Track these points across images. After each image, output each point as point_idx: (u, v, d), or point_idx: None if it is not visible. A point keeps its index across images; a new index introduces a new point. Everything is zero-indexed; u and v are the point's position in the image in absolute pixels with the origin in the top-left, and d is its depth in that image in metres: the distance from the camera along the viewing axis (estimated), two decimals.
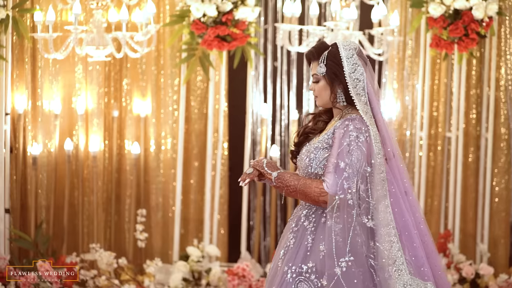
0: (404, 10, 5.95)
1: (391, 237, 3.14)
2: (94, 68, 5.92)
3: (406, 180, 3.27)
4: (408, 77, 5.98)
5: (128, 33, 5.51)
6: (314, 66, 3.26)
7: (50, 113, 5.88)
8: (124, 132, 6.06)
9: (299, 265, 3.19)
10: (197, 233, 6.03)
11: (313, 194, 3.17)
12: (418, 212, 3.28)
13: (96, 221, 5.97)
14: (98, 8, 5.61)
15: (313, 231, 3.21)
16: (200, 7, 5.47)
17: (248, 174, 3.29)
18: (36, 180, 5.85)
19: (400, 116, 6.00)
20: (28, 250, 5.83)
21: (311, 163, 3.23)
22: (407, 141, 5.99)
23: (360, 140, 3.12)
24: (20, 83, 5.82)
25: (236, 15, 5.50)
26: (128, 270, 5.83)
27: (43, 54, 5.60)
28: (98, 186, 5.95)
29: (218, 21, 5.51)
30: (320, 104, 3.29)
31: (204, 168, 5.96)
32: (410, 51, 5.97)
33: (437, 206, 6.02)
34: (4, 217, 5.68)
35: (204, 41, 5.52)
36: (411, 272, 3.15)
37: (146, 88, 6.02)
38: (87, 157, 5.96)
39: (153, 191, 6.06)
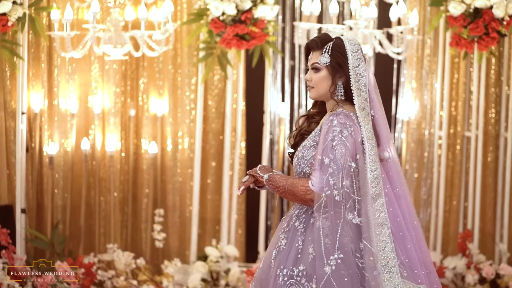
0: (423, 9, 5.91)
1: (384, 237, 3.09)
2: (110, 67, 5.88)
3: (401, 182, 3.21)
4: (427, 76, 5.93)
5: (147, 32, 5.46)
6: (315, 56, 3.21)
7: (67, 112, 5.84)
8: (140, 132, 6.02)
9: (290, 268, 3.15)
10: (214, 233, 5.99)
11: (300, 193, 3.12)
12: (413, 215, 3.22)
13: (113, 221, 5.93)
14: (116, 6, 5.57)
15: (303, 232, 3.16)
16: (219, 5, 5.43)
17: (243, 182, 3.27)
18: (53, 180, 5.81)
19: (419, 115, 5.96)
20: (44, 251, 5.80)
21: (299, 162, 3.20)
22: (426, 140, 5.95)
23: (343, 135, 3.07)
24: (36, 82, 5.78)
25: (255, 13, 5.46)
26: (145, 271, 5.79)
27: (59, 52, 5.55)
28: (115, 186, 5.91)
29: (237, 19, 5.47)
30: (315, 96, 3.24)
31: (222, 168, 5.91)
32: (428, 50, 5.93)
33: (456, 206, 5.98)
34: (20, 217, 5.64)
35: (223, 39, 5.48)
36: (403, 275, 3.10)
37: (163, 87, 5.98)
38: (104, 157, 5.92)
39: (169, 191, 6.02)
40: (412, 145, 5.96)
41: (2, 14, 5.31)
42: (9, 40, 5.48)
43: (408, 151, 5.96)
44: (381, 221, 3.09)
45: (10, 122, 5.72)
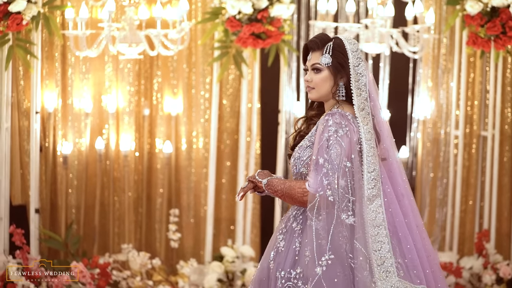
0: (439, 8, 5.87)
1: (381, 238, 3.06)
2: (124, 66, 5.85)
3: (403, 181, 3.19)
4: (443, 75, 5.90)
5: (163, 31, 5.42)
6: (315, 56, 3.17)
7: (81, 111, 5.81)
8: (154, 131, 5.98)
9: (288, 270, 3.13)
10: (229, 233, 5.96)
11: (297, 195, 3.10)
12: (415, 213, 3.19)
13: (127, 221, 5.89)
14: (131, 5, 5.53)
15: (300, 233, 3.15)
16: (236, 4, 5.39)
17: (243, 188, 3.25)
18: (66, 180, 5.78)
19: (435, 114, 5.92)
20: (58, 251, 5.76)
21: (295, 162, 3.18)
22: (442, 140, 5.91)
23: (339, 135, 3.05)
24: (49, 81, 5.75)
25: (271, 12, 5.43)
26: (160, 271, 5.75)
27: (74, 51, 5.52)
28: (129, 186, 5.88)
29: (253, 18, 5.43)
30: (315, 96, 3.20)
31: (236, 168, 5.88)
32: (444, 49, 5.90)
33: (472, 206, 5.94)
34: (34, 218, 5.60)
35: (239, 38, 5.44)
36: (401, 275, 3.07)
37: (177, 86, 5.94)
38: (118, 156, 5.89)
39: (184, 190, 5.98)
40: (428, 145, 5.93)
41: (17, 13, 5.27)
42: (23, 39, 5.44)
43: (424, 150, 5.93)
44: (378, 222, 3.07)
45: (23, 122, 5.69)
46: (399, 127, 5.96)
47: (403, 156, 5.89)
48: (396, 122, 5.95)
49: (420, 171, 5.91)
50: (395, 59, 5.91)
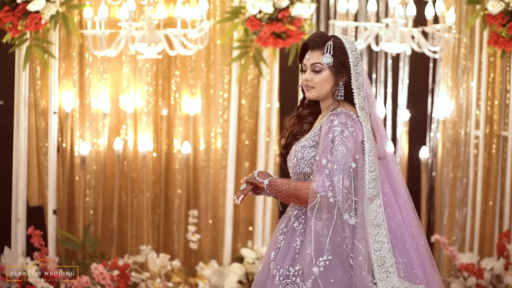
0: (459, 7, 5.83)
1: (381, 238, 3.05)
2: (142, 65, 5.80)
3: (400, 180, 3.18)
4: (463, 75, 5.86)
5: (183, 30, 5.37)
6: (315, 55, 3.14)
7: (98, 111, 5.76)
8: (172, 131, 5.93)
9: (286, 268, 3.11)
10: (247, 234, 5.91)
11: (304, 196, 3.07)
12: (412, 214, 3.18)
13: (146, 222, 5.85)
14: (150, 4, 5.48)
15: (302, 232, 3.12)
16: (256, 3, 5.35)
17: (242, 190, 3.20)
18: (84, 181, 5.73)
19: (455, 114, 5.88)
20: (75, 252, 5.71)
21: (299, 162, 3.15)
22: (461, 140, 5.87)
23: (344, 135, 3.03)
24: (67, 81, 5.70)
25: (292, 11, 5.39)
26: (179, 272, 5.71)
27: (92, 51, 5.47)
28: (148, 187, 5.83)
29: (273, 17, 5.39)
30: (314, 96, 3.17)
31: (255, 168, 5.83)
32: (463, 49, 5.86)
33: (492, 207, 5.90)
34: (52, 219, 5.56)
35: (260, 38, 5.40)
36: (401, 275, 3.06)
37: (196, 86, 5.90)
38: (136, 157, 5.84)
39: (202, 191, 5.94)
40: (448, 145, 5.89)
41: (35, 12, 5.22)
42: (41, 39, 5.39)
43: (444, 151, 5.89)
44: (378, 222, 3.06)
45: (40, 122, 5.64)
46: (419, 127, 5.93)
47: (423, 156, 5.85)
48: (416, 122, 5.91)
49: (440, 171, 5.87)
50: (414, 59, 5.87)
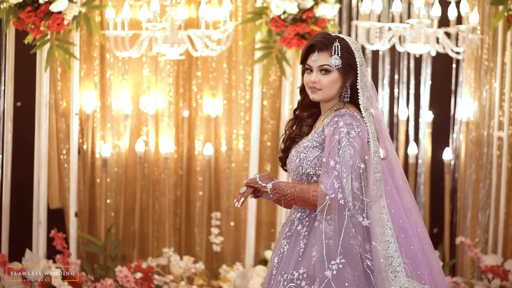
0: (481, 7, 5.80)
1: (387, 238, 3.02)
2: (164, 66, 5.76)
3: (404, 180, 3.14)
4: (485, 75, 5.83)
5: (207, 31, 5.33)
6: (323, 57, 3.07)
7: (119, 113, 5.72)
8: (194, 133, 5.89)
9: (290, 272, 3.05)
10: (269, 236, 5.87)
11: (312, 199, 3.02)
12: (416, 214, 3.14)
13: (168, 225, 5.80)
14: (172, 5, 5.43)
15: (306, 235, 3.07)
16: (281, 4, 5.31)
17: (242, 194, 3.16)
18: (105, 183, 5.69)
19: (477, 115, 5.85)
20: (96, 255, 5.67)
21: (301, 163, 3.10)
22: (484, 141, 5.84)
23: (351, 136, 2.99)
24: (87, 82, 5.66)
25: (316, 12, 5.35)
26: (202, 275, 5.67)
27: (114, 52, 5.43)
28: (169, 189, 5.79)
29: (297, 18, 5.35)
30: (320, 98, 3.11)
31: (277, 170, 5.78)
32: (486, 49, 5.82)
33: None
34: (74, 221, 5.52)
35: (284, 39, 5.36)
36: (408, 275, 3.03)
37: (217, 87, 5.86)
38: (157, 159, 5.80)
39: (223, 193, 5.90)
40: (471, 146, 5.86)
41: (58, 13, 5.18)
42: (63, 40, 5.35)
43: (467, 152, 5.85)
44: (383, 223, 3.03)
45: (61, 123, 5.61)
46: (442, 128, 5.89)
47: (446, 158, 5.82)
48: (439, 123, 5.88)
49: (463, 173, 5.83)
50: (436, 60, 5.83)
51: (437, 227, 5.93)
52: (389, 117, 5.88)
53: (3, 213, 5.40)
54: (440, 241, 5.88)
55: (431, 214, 5.86)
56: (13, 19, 5.19)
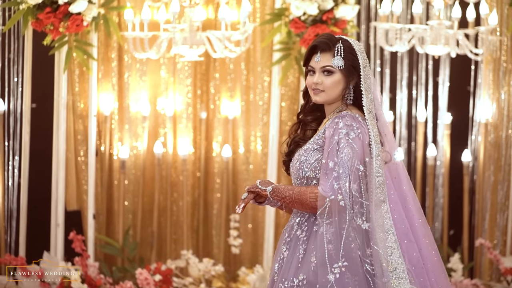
0: (500, 9, 5.78)
1: (391, 243, 2.98)
2: (182, 68, 5.74)
3: (409, 186, 3.10)
4: (504, 77, 5.81)
5: (227, 33, 5.30)
6: (325, 58, 3.04)
7: (137, 114, 5.70)
8: (211, 135, 5.86)
9: (291, 279, 3.00)
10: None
11: (309, 201, 2.97)
12: (422, 220, 3.10)
13: (186, 227, 5.78)
14: (191, 6, 5.41)
15: (305, 241, 3.02)
16: (301, 5, 5.29)
17: (243, 199, 3.13)
18: (123, 184, 5.66)
19: (496, 117, 5.83)
20: (114, 257, 5.64)
21: (301, 166, 3.06)
22: (503, 143, 5.82)
23: (350, 137, 2.94)
24: (105, 83, 5.64)
25: (337, 13, 5.33)
26: (220, 277, 5.64)
27: (133, 53, 5.40)
28: (187, 190, 5.76)
29: (317, 19, 5.33)
30: (324, 100, 3.07)
31: None
32: (505, 51, 5.81)
33: None
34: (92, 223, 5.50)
35: (304, 40, 5.34)
36: (412, 282, 2.99)
37: (235, 88, 5.83)
38: (175, 160, 5.78)
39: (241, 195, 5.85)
40: (489, 148, 5.84)
41: (77, 14, 5.16)
42: (82, 41, 5.33)
43: (486, 154, 5.83)
44: (386, 228, 2.99)
45: (78, 125, 5.58)
46: (460, 130, 5.87)
47: (465, 159, 5.80)
48: (458, 125, 5.86)
49: (481, 174, 5.81)
50: (454, 61, 5.81)
51: (456, 229, 5.90)
52: (407, 118, 5.86)
53: (21, 215, 5.38)
54: (458, 243, 5.86)
55: (449, 216, 5.84)
56: (32, 20, 5.17)
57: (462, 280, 5.56)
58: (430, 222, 5.84)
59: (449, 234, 5.91)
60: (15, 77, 5.34)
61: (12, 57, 5.33)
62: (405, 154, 5.82)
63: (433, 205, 5.83)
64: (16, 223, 5.38)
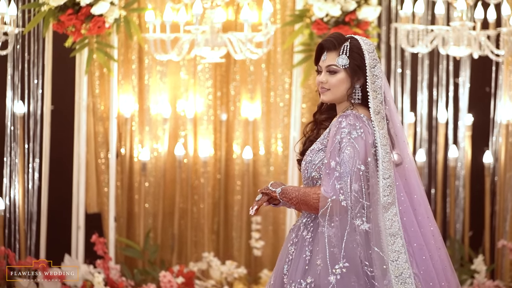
0: None
1: (398, 248, 2.95)
2: (202, 70, 5.71)
3: (420, 189, 3.08)
4: None
5: (250, 34, 5.28)
6: (331, 57, 3.04)
7: (158, 116, 5.67)
8: (231, 136, 5.84)
9: (298, 281, 2.98)
10: None
11: (312, 201, 2.96)
12: (431, 223, 3.08)
13: (206, 229, 5.75)
14: (213, 7, 5.39)
15: (311, 242, 3.01)
16: (323, 6, 5.27)
17: (257, 201, 3.12)
18: (144, 187, 5.63)
19: None
20: (134, 259, 5.62)
21: (307, 166, 3.05)
22: None
23: (352, 136, 2.93)
24: (125, 85, 5.62)
25: (359, 14, 5.31)
26: (242, 280, 5.62)
27: (154, 55, 5.38)
28: (208, 193, 5.74)
29: (340, 21, 5.31)
30: (329, 99, 3.07)
31: None
32: None
33: None
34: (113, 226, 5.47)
35: None
36: (418, 286, 2.96)
37: (255, 90, 5.81)
38: (195, 163, 5.75)
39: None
40: (510, 149, 5.82)
41: (99, 15, 5.13)
42: (103, 43, 5.30)
43: (507, 155, 5.82)
44: (393, 231, 2.96)
45: (98, 127, 5.56)
46: (482, 131, 5.86)
47: (486, 161, 5.78)
48: (479, 126, 5.85)
49: (502, 176, 5.79)
50: (475, 62, 5.80)
51: (477, 231, 5.88)
52: (428, 120, 5.84)
53: (42, 218, 5.36)
54: (479, 244, 5.84)
55: (470, 218, 5.82)
56: (53, 22, 5.15)
57: (484, 282, 5.55)
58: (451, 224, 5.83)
59: (468, 236, 5.89)
60: (35, 79, 5.31)
61: (32, 59, 5.30)
62: (426, 155, 5.80)
63: (454, 207, 5.81)
64: (37, 226, 5.35)
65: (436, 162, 5.84)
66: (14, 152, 5.26)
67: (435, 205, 5.82)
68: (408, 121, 5.78)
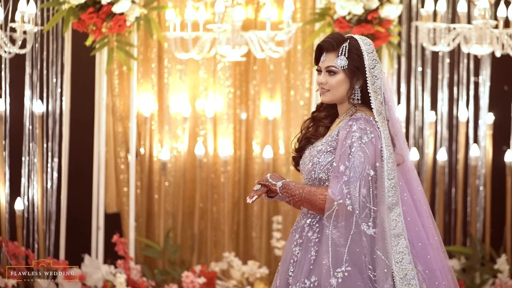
0: None
1: (402, 249, 2.95)
2: (222, 68, 5.68)
3: (418, 189, 3.08)
4: None
5: (272, 33, 5.25)
6: (330, 58, 3.03)
7: (177, 115, 5.64)
8: (251, 136, 5.80)
9: (302, 281, 2.97)
10: None
11: (318, 202, 2.95)
12: (432, 223, 3.08)
13: (226, 229, 5.72)
14: (234, 5, 5.35)
15: (317, 242, 2.99)
16: (346, 5, 5.23)
17: (256, 191, 3.10)
18: (164, 187, 5.60)
19: None
20: (154, 259, 5.58)
21: (314, 167, 3.03)
22: None
23: (363, 141, 2.92)
24: (145, 84, 5.58)
25: (381, 13, 5.28)
26: (263, 279, 5.59)
27: (175, 54, 5.34)
28: (228, 192, 5.70)
29: (362, 19, 5.28)
30: (329, 99, 3.06)
31: None
32: None
33: None
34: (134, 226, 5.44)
35: None
36: (423, 287, 2.96)
37: (275, 89, 5.77)
38: (215, 162, 5.72)
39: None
40: None
41: (120, 14, 5.09)
42: (123, 41, 5.27)
43: None
44: (397, 232, 2.96)
45: (117, 127, 5.53)
46: (503, 130, 5.83)
47: (508, 159, 5.74)
48: (500, 125, 5.82)
49: None
50: (496, 60, 5.76)
51: (498, 230, 5.85)
52: (449, 119, 5.81)
53: (61, 218, 5.32)
54: (500, 243, 5.81)
55: (492, 217, 5.79)
56: (73, 21, 5.10)
57: (507, 282, 5.52)
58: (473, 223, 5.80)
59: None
60: (53, 78, 5.28)
61: (51, 57, 5.26)
62: (447, 154, 5.77)
63: (475, 206, 5.78)
64: (56, 226, 5.32)
65: (457, 161, 5.81)
66: (32, 151, 5.22)
67: (456, 204, 5.79)
68: (428, 120, 5.74)
